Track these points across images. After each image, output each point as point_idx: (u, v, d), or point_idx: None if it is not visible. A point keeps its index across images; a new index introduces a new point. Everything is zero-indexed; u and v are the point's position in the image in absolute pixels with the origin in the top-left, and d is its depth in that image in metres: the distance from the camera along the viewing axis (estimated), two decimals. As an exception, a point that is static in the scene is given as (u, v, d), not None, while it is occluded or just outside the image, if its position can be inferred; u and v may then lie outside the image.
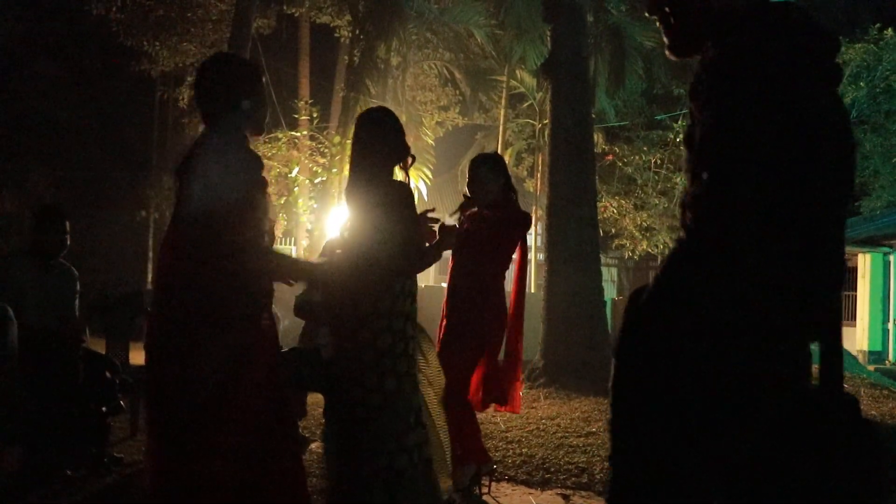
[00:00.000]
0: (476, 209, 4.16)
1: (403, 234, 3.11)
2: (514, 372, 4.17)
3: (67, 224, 4.52)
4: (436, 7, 14.27)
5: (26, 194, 16.19)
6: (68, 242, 4.54)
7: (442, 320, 4.14)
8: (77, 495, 3.98)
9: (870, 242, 13.87)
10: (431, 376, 3.43)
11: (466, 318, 4.00)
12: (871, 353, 14.84)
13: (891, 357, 14.76)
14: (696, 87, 1.58)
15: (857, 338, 15.13)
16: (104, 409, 4.41)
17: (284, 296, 6.17)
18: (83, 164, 17.27)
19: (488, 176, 4.11)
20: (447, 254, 4.17)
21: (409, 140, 3.44)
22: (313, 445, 4.92)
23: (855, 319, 15.47)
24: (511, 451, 5.07)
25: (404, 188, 3.22)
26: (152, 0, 14.21)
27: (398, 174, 3.32)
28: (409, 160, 3.30)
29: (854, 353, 13.44)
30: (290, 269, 3.01)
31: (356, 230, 3.20)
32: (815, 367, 1.54)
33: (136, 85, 16.35)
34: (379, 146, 3.22)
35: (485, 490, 4.11)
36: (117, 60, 15.26)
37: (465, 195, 4.24)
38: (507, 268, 4.16)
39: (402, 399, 3.12)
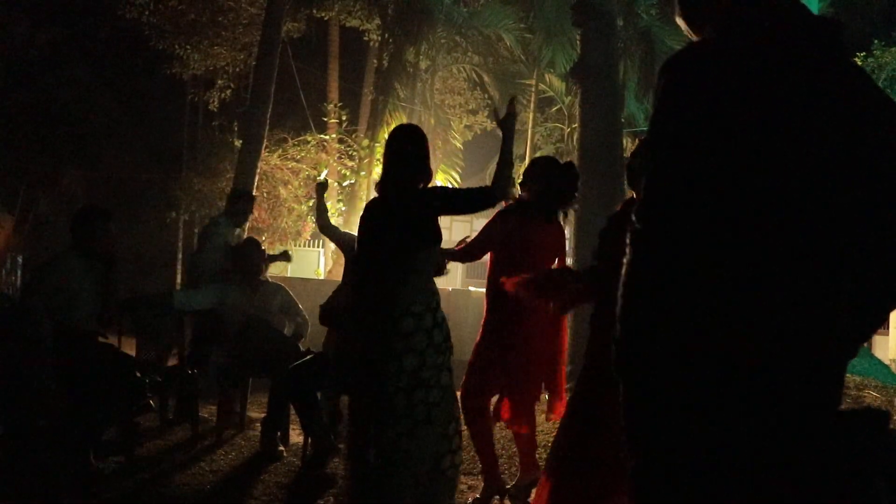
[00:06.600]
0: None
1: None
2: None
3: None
4: (465, 11, 14.29)
5: (60, 195, 16.39)
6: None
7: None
8: (107, 492, 4.01)
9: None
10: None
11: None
12: (905, 362, 14.57)
13: (926, 367, 14.46)
14: None
15: (890, 346, 14.84)
16: (133, 407, 4.45)
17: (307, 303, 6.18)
18: (115, 165, 17.46)
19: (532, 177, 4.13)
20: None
21: (438, 143, 3.46)
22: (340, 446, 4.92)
23: (888, 328, 15.18)
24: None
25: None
26: (184, 4, 14.36)
27: None
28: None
29: (887, 361, 13.19)
30: None
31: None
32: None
33: (167, 88, 16.52)
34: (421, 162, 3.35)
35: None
36: (147, 63, 15.45)
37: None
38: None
39: (451, 395, 3.16)
